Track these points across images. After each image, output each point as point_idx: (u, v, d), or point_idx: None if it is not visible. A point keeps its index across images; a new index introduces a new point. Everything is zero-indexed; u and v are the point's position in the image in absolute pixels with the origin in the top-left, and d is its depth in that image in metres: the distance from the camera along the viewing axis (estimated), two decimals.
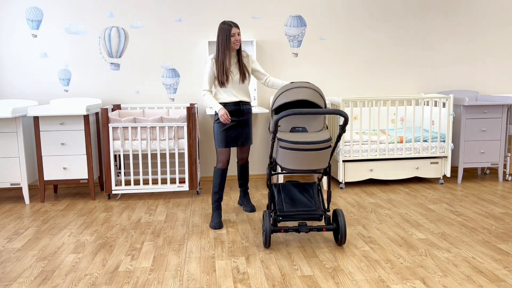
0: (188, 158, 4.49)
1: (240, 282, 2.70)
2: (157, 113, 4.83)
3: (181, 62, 5.14)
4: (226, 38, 3.53)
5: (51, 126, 4.38)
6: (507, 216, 3.82)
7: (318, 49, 5.30)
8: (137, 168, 4.91)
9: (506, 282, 2.64)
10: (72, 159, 4.44)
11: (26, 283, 2.73)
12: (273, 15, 5.18)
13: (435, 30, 5.43)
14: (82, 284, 2.71)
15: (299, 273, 2.81)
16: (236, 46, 3.58)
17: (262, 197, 4.57)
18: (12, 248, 3.30)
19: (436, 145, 4.85)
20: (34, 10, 4.89)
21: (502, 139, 4.92)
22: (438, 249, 3.13)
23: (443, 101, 4.92)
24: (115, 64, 5.06)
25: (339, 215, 3.15)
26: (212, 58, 3.63)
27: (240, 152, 3.97)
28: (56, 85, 5.03)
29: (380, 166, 4.82)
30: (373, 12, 5.32)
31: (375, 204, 4.23)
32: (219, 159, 3.73)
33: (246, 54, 3.75)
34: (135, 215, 4.04)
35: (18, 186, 4.42)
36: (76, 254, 3.16)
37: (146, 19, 5.03)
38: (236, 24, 3.57)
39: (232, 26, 3.54)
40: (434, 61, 5.49)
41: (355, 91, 5.41)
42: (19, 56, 4.95)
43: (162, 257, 3.10)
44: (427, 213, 3.95)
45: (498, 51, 5.57)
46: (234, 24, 3.56)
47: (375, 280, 2.70)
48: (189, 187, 4.55)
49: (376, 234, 3.46)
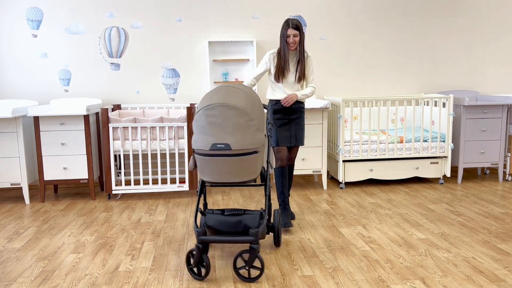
0: (188, 158, 4.49)
1: (240, 282, 2.70)
2: (157, 113, 4.83)
3: (181, 62, 5.14)
4: (283, 37, 3.48)
5: (51, 126, 4.38)
6: (507, 216, 3.82)
7: (318, 49, 5.30)
8: (137, 168, 4.92)
9: (506, 282, 2.64)
10: (72, 159, 4.44)
11: (26, 283, 2.73)
12: (273, 15, 5.18)
13: (435, 30, 5.43)
14: (82, 284, 2.71)
15: (299, 273, 2.81)
16: (290, 47, 3.49)
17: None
18: (12, 248, 3.30)
19: (436, 145, 4.85)
20: (34, 10, 4.89)
21: (502, 139, 4.92)
22: (438, 249, 3.13)
23: (443, 101, 4.92)
24: (115, 64, 5.07)
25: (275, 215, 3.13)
26: (272, 53, 3.58)
27: (289, 153, 3.76)
28: (56, 85, 5.03)
29: (380, 166, 4.82)
30: (373, 12, 5.32)
31: (375, 204, 4.23)
32: (276, 157, 3.62)
33: (307, 55, 3.61)
34: (135, 215, 4.04)
35: (18, 186, 4.42)
36: (76, 254, 3.16)
37: (146, 19, 5.03)
38: (295, 25, 3.43)
39: (289, 27, 3.43)
40: (434, 61, 5.49)
41: (355, 91, 5.41)
42: (19, 56, 4.95)
43: (162, 257, 3.10)
44: (427, 213, 3.95)
45: (498, 51, 5.57)
46: (293, 24, 3.43)
47: (375, 280, 2.70)
48: (189, 187, 4.55)
49: (376, 234, 3.46)
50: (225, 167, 2.66)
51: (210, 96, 2.72)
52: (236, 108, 2.62)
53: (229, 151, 2.61)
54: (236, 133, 2.62)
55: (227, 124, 2.62)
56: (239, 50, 5.15)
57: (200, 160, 2.71)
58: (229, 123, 2.62)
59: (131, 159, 4.50)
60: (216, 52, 5.12)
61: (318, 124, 4.63)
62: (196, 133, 2.70)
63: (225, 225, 2.82)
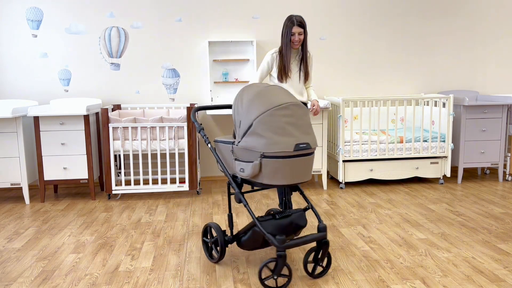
0: (188, 158, 4.49)
1: (240, 282, 2.70)
2: (157, 113, 4.83)
3: (181, 62, 5.14)
4: (286, 36, 3.37)
5: (51, 126, 4.38)
6: (507, 216, 3.82)
7: (318, 49, 5.30)
8: (137, 168, 4.92)
9: (506, 282, 2.64)
10: (72, 159, 4.44)
11: (26, 283, 2.73)
12: (273, 15, 5.18)
13: (435, 30, 5.43)
14: (82, 284, 2.71)
15: (299, 273, 2.81)
16: (294, 46, 3.41)
17: (262, 197, 4.57)
18: (12, 248, 3.30)
19: (436, 145, 4.85)
20: (34, 10, 4.89)
21: (502, 139, 4.92)
22: (438, 249, 3.13)
23: (443, 101, 4.92)
24: (115, 64, 5.07)
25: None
26: (273, 52, 3.48)
27: None
28: (56, 85, 5.03)
29: (380, 166, 4.82)
30: (373, 12, 5.32)
31: (375, 204, 4.23)
32: None
33: (309, 54, 3.56)
34: (135, 215, 4.04)
35: (18, 186, 4.42)
36: (76, 254, 3.16)
37: (146, 19, 5.03)
38: (300, 23, 3.34)
39: (294, 25, 3.33)
40: (434, 61, 5.49)
41: (355, 91, 5.41)
42: (19, 56, 4.95)
43: (162, 257, 3.10)
44: (427, 213, 3.95)
45: (498, 51, 5.57)
46: (298, 22, 3.34)
47: (375, 280, 2.70)
48: (189, 187, 4.55)
49: (376, 234, 3.46)
50: (303, 167, 2.61)
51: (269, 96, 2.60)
52: (304, 107, 2.64)
53: (309, 150, 2.59)
54: (309, 131, 2.63)
55: (302, 123, 2.59)
56: (239, 50, 5.15)
57: (275, 163, 2.52)
58: (302, 122, 2.60)
59: (131, 159, 4.50)
60: (216, 52, 5.12)
61: (318, 124, 4.63)
62: (270, 136, 2.50)
63: (281, 228, 2.72)
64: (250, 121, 2.54)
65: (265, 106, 2.54)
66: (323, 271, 2.76)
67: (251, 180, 2.63)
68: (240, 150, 2.63)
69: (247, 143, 2.56)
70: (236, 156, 2.69)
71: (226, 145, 2.77)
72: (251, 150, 2.55)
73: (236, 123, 2.68)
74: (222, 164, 2.83)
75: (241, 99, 2.67)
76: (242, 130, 2.60)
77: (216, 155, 2.85)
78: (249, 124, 2.55)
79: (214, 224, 2.94)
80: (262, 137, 2.50)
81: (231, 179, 2.76)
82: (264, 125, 2.50)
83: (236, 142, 2.66)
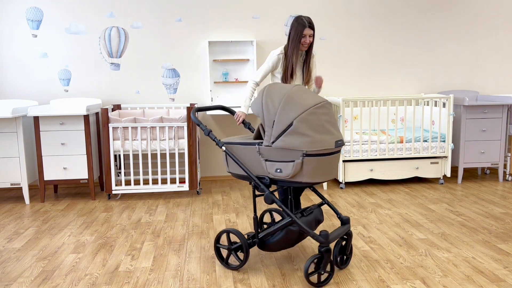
0: (188, 158, 4.49)
1: (240, 282, 2.70)
2: (157, 113, 4.83)
3: (181, 62, 5.14)
4: (297, 37, 3.26)
5: (51, 126, 4.38)
6: (507, 216, 3.82)
7: (318, 49, 5.30)
8: (137, 168, 4.92)
9: (506, 282, 2.64)
10: (72, 159, 4.44)
11: (26, 283, 2.73)
12: (273, 15, 5.18)
13: (435, 30, 5.43)
14: (82, 284, 2.71)
15: (299, 273, 2.81)
16: (303, 48, 3.32)
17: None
18: (12, 248, 3.30)
19: (436, 145, 4.85)
20: (34, 10, 4.89)
21: (502, 139, 4.92)
22: (438, 249, 3.13)
23: (443, 101, 4.92)
24: (115, 64, 5.07)
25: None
26: (279, 53, 3.38)
27: None
28: (56, 85, 5.03)
29: (380, 166, 4.82)
30: (373, 12, 5.32)
31: (375, 204, 4.23)
32: None
33: (313, 55, 3.47)
34: (135, 215, 4.04)
35: (18, 186, 4.42)
36: (76, 254, 3.16)
37: (146, 19, 5.03)
38: (311, 24, 3.26)
39: (305, 27, 3.23)
40: (434, 61, 5.49)
41: (355, 91, 5.41)
42: (19, 56, 4.95)
43: (162, 257, 3.10)
44: (427, 213, 3.95)
45: (498, 51, 5.57)
46: (309, 23, 3.25)
47: (375, 280, 2.70)
48: (189, 187, 4.55)
49: (376, 234, 3.46)
50: (336, 163, 2.71)
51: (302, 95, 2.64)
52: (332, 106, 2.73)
53: (343, 146, 2.71)
54: (339, 129, 2.72)
55: (334, 121, 2.67)
56: (239, 50, 5.15)
57: (317, 161, 2.55)
58: (334, 120, 2.69)
59: (131, 159, 4.50)
60: (216, 52, 5.12)
61: None
62: (312, 135, 2.53)
63: (309, 224, 2.82)
64: (290, 121, 2.54)
65: (304, 105, 2.56)
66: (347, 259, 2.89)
67: (287, 180, 2.63)
68: (275, 151, 2.60)
69: (285, 142, 2.54)
70: (266, 157, 2.66)
71: (250, 146, 2.71)
72: (290, 150, 2.54)
73: (266, 124, 2.64)
74: (243, 167, 2.76)
75: (271, 99, 2.65)
76: (278, 130, 2.57)
77: (234, 157, 2.78)
78: (288, 124, 2.54)
79: (233, 230, 2.83)
80: (304, 136, 2.51)
81: (258, 181, 2.73)
82: (306, 123, 2.52)
83: (268, 142, 2.62)
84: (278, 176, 2.63)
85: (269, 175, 2.67)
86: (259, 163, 2.70)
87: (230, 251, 2.88)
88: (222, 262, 2.92)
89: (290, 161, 2.56)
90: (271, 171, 2.65)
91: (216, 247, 2.93)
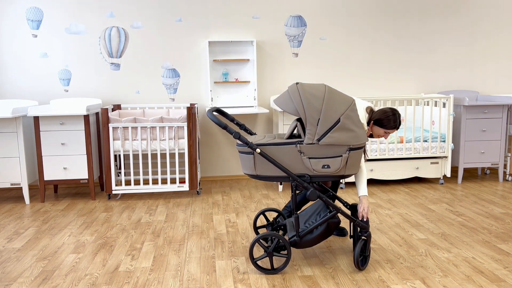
0: (188, 158, 4.49)
1: (240, 282, 2.70)
2: (157, 113, 4.83)
3: (181, 62, 5.14)
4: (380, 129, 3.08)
5: (51, 126, 4.38)
6: (507, 216, 3.82)
7: (318, 49, 5.30)
8: (137, 168, 4.91)
9: (506, 282, 2.64)
10: (72, 159, 4.44)
11: (26, 283, 2.73)
12: (273, 15, 5.18)
13: (436, 30, 5.43)
14: (82, 284, 2.71)
15: (299, 273, 2.81)
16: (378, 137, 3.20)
17: (262, 197, 4.57)
18: (12, 248, 3.30)
19: (436, 145, 4.85)
20: (34, 10, 4.89)
21: (502, 139, 4.92)
22: (438, 249, 3.13)
23: (443, 101, 4.92)
24: (115, 64, 5.07)
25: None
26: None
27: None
28: (56, 85, 5.03)
29: (380, 166, 4.82)
30: (373, 13, 5.32)
31: (375, 204, 4.23)
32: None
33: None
34: (135, 215, 4.04)
35: (18, 186, 4.42)
36: (76, 254, 3.16)
37: (146, 19, 5.03)
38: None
39: (395, 128, 3.09)
40: (434, 61, 5.49)
41: (355, 91, 5.41)
42: (19, 56, 4.95)
43: (162, 257, 3.10)
44: (427, 213, 3.95)
45: (498, 51, 5.57)
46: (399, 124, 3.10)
47: (375, 280, 2.70)
48: (189, 187, 4.55)
49: (376, 234, 3.46)
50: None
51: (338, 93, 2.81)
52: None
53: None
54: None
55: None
56: (239, 50, 5.15)
57: (358, 154, 2.78)
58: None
59: (131, 159, 4.50)
60: (216, 52, 5.12)
61: None
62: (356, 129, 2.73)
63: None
64: (337, 117, 2.68)
65: (345, 103, 2.74)
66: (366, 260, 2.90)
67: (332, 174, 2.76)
68: (321, 148, 2.69)
69: (333, 139, 2.67)
70: (310, 155, 2.71)
71: (287, 146, 2.71)
72: (337, 145, 2.69)
73: (309, 121, 2.68)
74: (283, 167, 2.73)
75: (313, 96, 2.70)
76: (325, 127, 2.68)
77: (271, 159, 2.72)
78: (335, 120, 2.68)
79: (272, 233, 2.79)
80: (350, 131, 2.70)
81: (300, 179, 2.75)
82: (350, 119, 2.70)
83: (312, 140, 2.69)
84: (324, 172, 2.73)
85: (312, 172, 2.74)
86: (298, 162, 2.73)
87: (271, 255, 2.79)
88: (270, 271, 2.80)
89: (338, 156, 2.71)
90: (317, 168, 2.72)
91: (254, 263, 2.81)
